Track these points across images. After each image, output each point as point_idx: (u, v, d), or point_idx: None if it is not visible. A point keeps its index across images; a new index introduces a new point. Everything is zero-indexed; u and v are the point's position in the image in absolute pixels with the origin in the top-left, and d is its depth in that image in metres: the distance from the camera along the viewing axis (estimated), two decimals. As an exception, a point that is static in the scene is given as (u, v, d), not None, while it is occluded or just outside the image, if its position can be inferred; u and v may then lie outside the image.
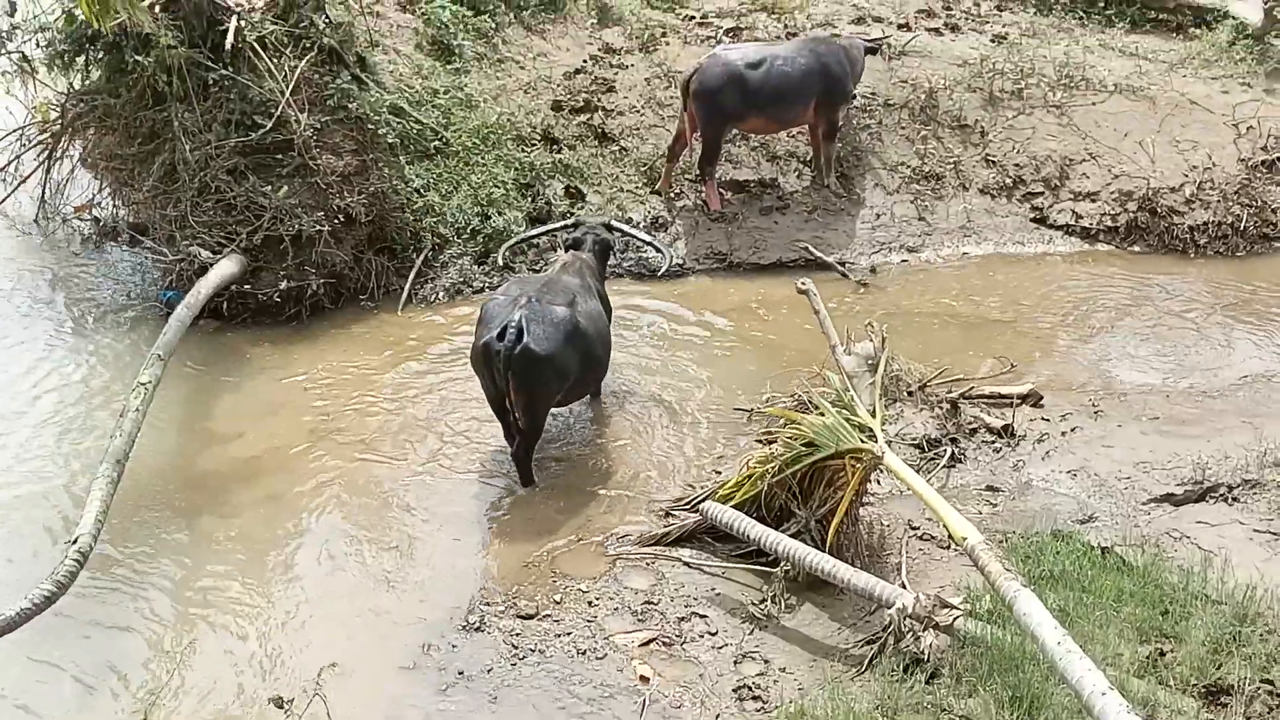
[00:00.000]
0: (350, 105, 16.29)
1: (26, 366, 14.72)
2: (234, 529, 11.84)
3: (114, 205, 17.51)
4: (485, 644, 10.14)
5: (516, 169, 17.60)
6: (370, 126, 16.44)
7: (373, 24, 18.19)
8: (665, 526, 11.57)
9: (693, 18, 20.96)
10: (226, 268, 15.09)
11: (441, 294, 16.33)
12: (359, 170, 16.19)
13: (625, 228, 15.13)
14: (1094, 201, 18.47)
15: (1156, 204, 18.22)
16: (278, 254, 15.61)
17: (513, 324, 11.77)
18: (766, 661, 9.99)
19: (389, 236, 16.59)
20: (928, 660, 9.30)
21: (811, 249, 17.48)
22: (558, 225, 15.00)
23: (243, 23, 15.90)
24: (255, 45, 15.95)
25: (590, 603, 10.64)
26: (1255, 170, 18.66)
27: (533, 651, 10.02)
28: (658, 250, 15.78)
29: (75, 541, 10.34)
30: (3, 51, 16.96)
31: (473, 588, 10.94)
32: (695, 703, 9.55)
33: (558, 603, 10.63)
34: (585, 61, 19.72)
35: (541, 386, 12.06)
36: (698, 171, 17.90)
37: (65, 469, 12.74)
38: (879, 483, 11.56)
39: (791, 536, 10.66)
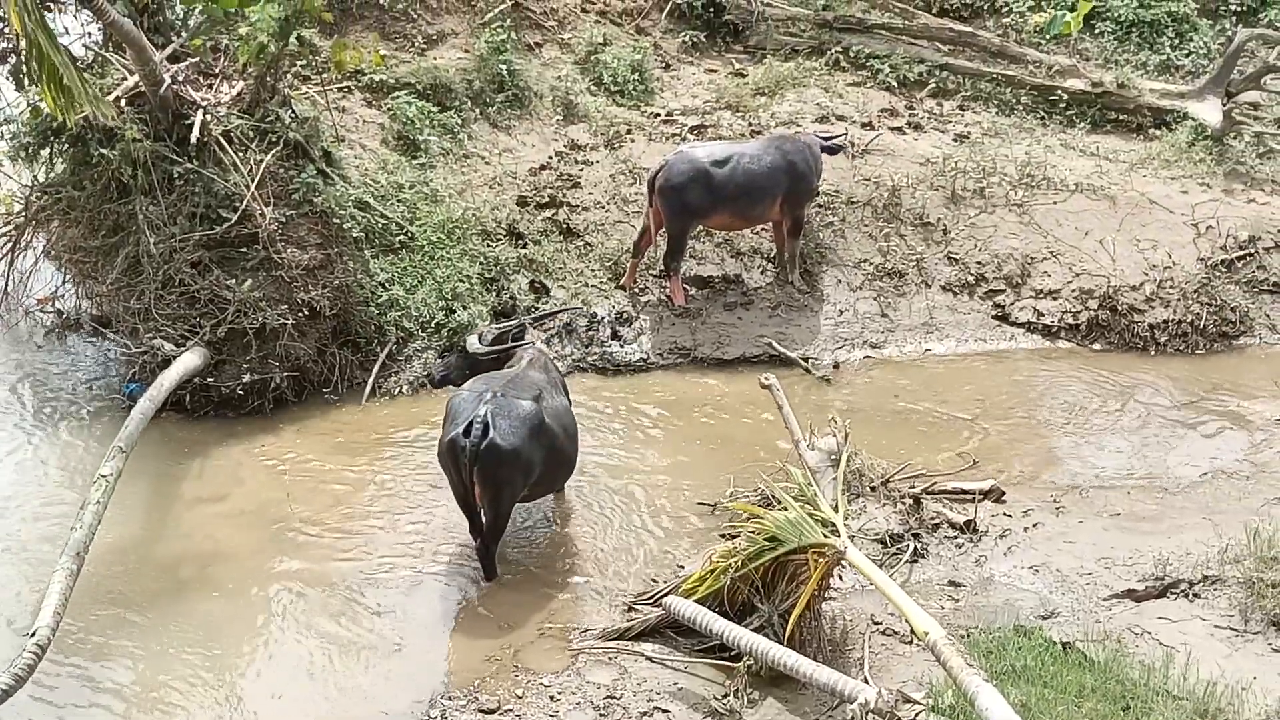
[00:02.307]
0: (315, 199, 16.32)
1: (-14, 458, 14.66)
2: (194, 622, 11.75)
3: (77, 297, 17.48)
4: (446, 739, 10.11)
5: (481, 263, 17.62)
6: (335, 220, 16.46)
7: (338, 119, 18.31)
8: (628, 621, 11.57)
9: (657, 115, 21.10)
10: (189, 360, 15.04)
11: (405, 388, 16.30)
12: (323, 264, 16.20)
13: (493, 329, 15.00)
14: (1055, 299, 18.60)
15: (1117, 302, 18.36)
16: (241, 347, 15.58)
17: (478, 419, 11.77)
18: (729, 757, 9.98)
19: (353, 330, 16.58)
20: (890, 755, 9.29)
21: (775, 344, 17.56)
22: (454, 357, 14.65)
23: (208, 116, 15.94)
24: (221, 139, 15.98)
25: (552, 697, 10.59)
26: (1214, 269, 18.86)
27: (494, 747, 10.00)
28: (571, 310, 16.29)
29: (34, 634, 10.29)
30: (-33, 144, 17.02)
31: (434, 682, 10.90)
32: (657, 798, 9.53)
33: (520, 697, 10.58)
34: (550, 157, 19.84)
35: (506, 482, 12.05)
36: (663, 267, 17.97)
37: (24, 560, 12.63)
38: (841, 577, 11.55)
39: (754, 631, 10.65)
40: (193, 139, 15.74)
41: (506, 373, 13.22)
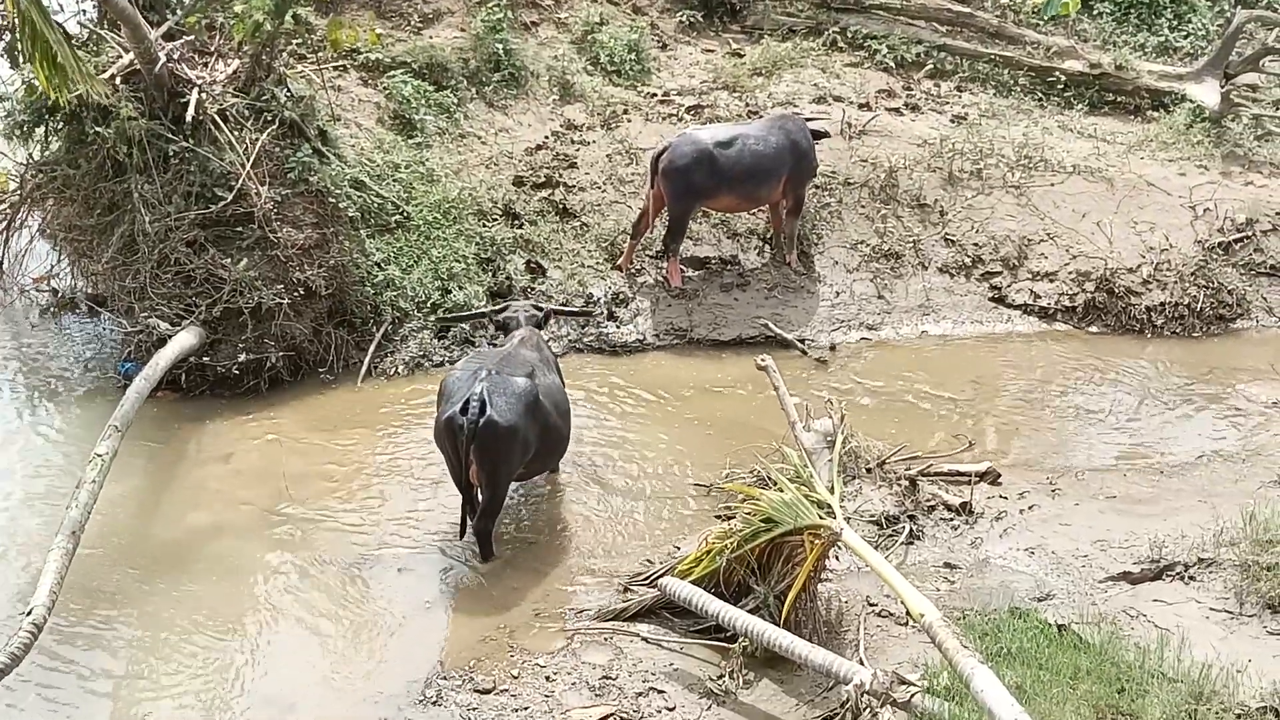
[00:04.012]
0: (311, 178, 16.28)
1: (-19, 437, 14.66)
2: (189, 601, 11.73)
3: (72, 276, 17.44)
4: (442, 718, 10.09)
5: (477, 244, 17.60)
6: (331, 200, 16.43)
7: (334, 98, 18.28)
8: (624, 602, 11.55)
9: (654, 95, 21.04)
10: (185, 340, 15.00)
11: (401, 368, 16.28)
12: (319, 243, 16.16)
13: (553, 307, 15.20)
14: (1052, 281, 18.59)
15: (1114, 284, 18.36)
16: (237, 326, 15.55)
17: (475, 397, 11.77)
18: (724, 738, 9.98)
19: (349, 310, 16.55)
20: (885, 737, 9.29)
21: (771, 326, 17.53)
22: (486, 310, 15.01)
23: (204, 95, 15.89)
24: (216, 118, 15.93)
25: (548, 678, 10.58)
26: (1211, 252, 18.86)
27: (489, 727, 9.99)
28: (587, 313, 16.25)
29: (30, 613, 10.28)
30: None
31: (430, 661, 10.88)
32: (652, 779, 9.53)
33: (515, 677, 10.57)
34: (547, 137, 19.80)
35: (504, 459, 12.04)
36: (661, 248, 17.94)
37: (20, 539, 12.62)
38: (837, 559, 11.57)
39: (750, 612, 10.65)
40: (188, 117, 15.69)
41: (498, 351, 13.24)
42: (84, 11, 17.05)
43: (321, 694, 10.57)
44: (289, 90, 16.82)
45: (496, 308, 14.65)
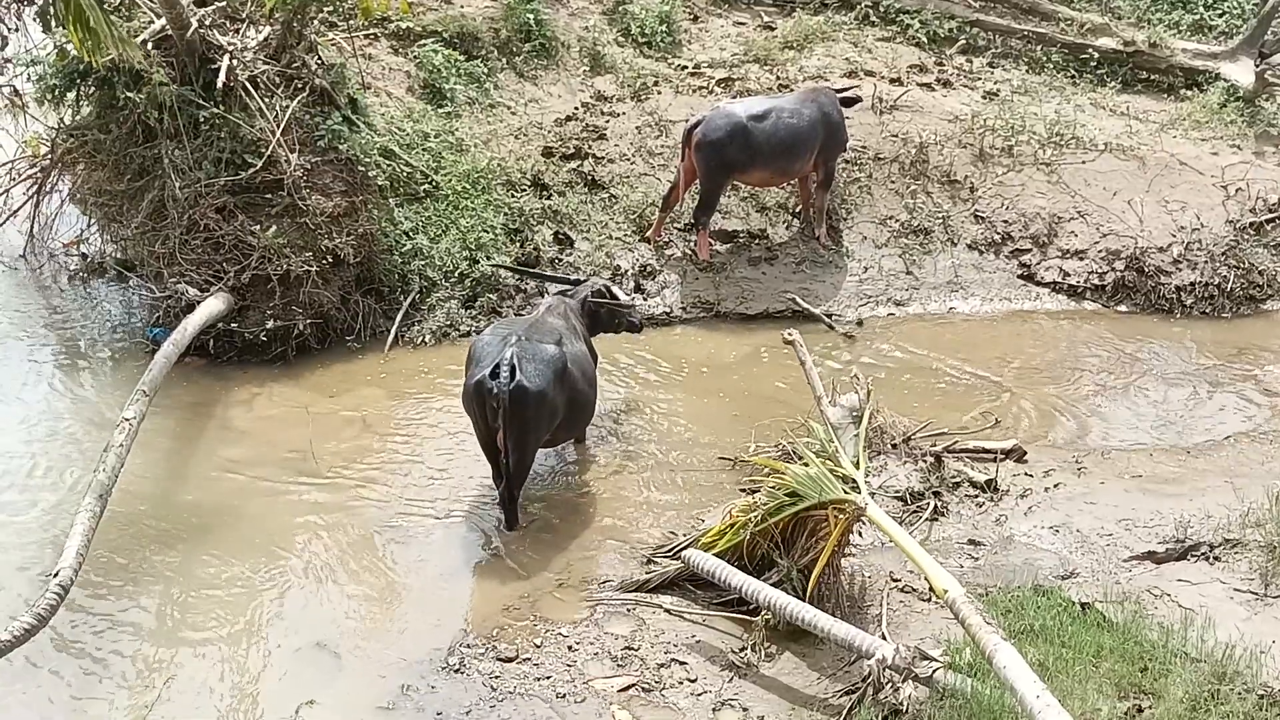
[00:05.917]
0: (341, 146, 16.29)
1: (11, 400, 14.70)
2: (216, 565, 11.78)
3: (102, 241, 17.49)
4: (465, 686, 10.12)
5: (506, 214, 17.59)
6: (360, 168, 16.44)
7: (365, 66, 18.28)
8: (647, 573, 11.57)
9: (685, 67, 20.99)
10: (213, 306, 15.04)
11: (428, 336, 16.27)
12: (348, 211, 16.16)
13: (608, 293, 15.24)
14: (1081, 260, 18.51)
15: (1144, 264, 18.29)
16: (265, 293, 15.58)
17: (505, 362, 11.79)
18: (745, 710, 9.96)
19: (377, 278, 16.56)
20: (906, 712, 9.27)
21: (799, 300, 17.51)
22: (560, 276, 15.13)
23: (235, 61, 15.89)
24: (247, 84, 15.94)
25: (570, 647, 10.61)
26: (1243, 232, 18.74)
27: (512, 694, 10.01)
28: (626, 305, 16.16)
29: (56, 575, 10.33)
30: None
31: (453, 629, 10.91)
32: (673, 749, 9.54)
33: (538, 646, 10.60)
34: (577, 109, 19.77)
35: (532, 424, 12.07)
36: (691, 220, 17.91)
37: (48, 503, 12.67)
38: (861, 534, 11.56)
39: (773, 585, 10.65)
40: (219, 84, 15.68)
41: (526, 318, 13.30)
42: (117, -24, 17.07)
43: (344, 660, 10.58)
44: (320, 58, 16.84)
45: (573, 278, 14.97)
